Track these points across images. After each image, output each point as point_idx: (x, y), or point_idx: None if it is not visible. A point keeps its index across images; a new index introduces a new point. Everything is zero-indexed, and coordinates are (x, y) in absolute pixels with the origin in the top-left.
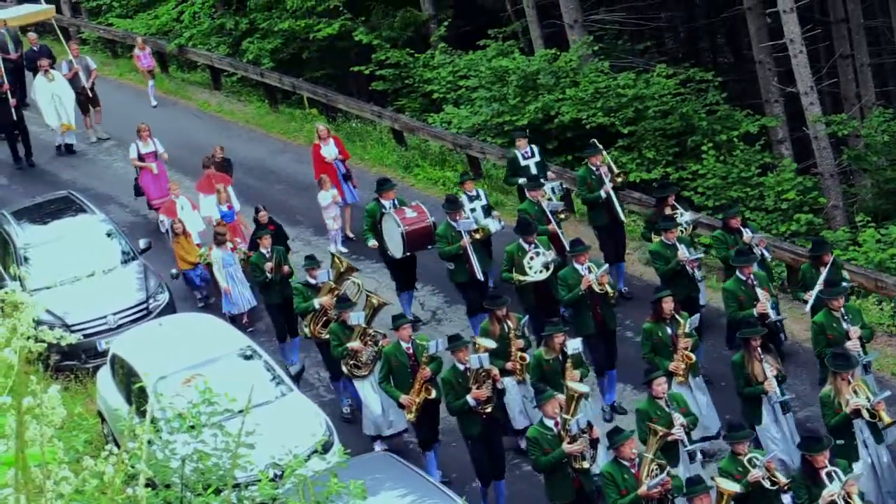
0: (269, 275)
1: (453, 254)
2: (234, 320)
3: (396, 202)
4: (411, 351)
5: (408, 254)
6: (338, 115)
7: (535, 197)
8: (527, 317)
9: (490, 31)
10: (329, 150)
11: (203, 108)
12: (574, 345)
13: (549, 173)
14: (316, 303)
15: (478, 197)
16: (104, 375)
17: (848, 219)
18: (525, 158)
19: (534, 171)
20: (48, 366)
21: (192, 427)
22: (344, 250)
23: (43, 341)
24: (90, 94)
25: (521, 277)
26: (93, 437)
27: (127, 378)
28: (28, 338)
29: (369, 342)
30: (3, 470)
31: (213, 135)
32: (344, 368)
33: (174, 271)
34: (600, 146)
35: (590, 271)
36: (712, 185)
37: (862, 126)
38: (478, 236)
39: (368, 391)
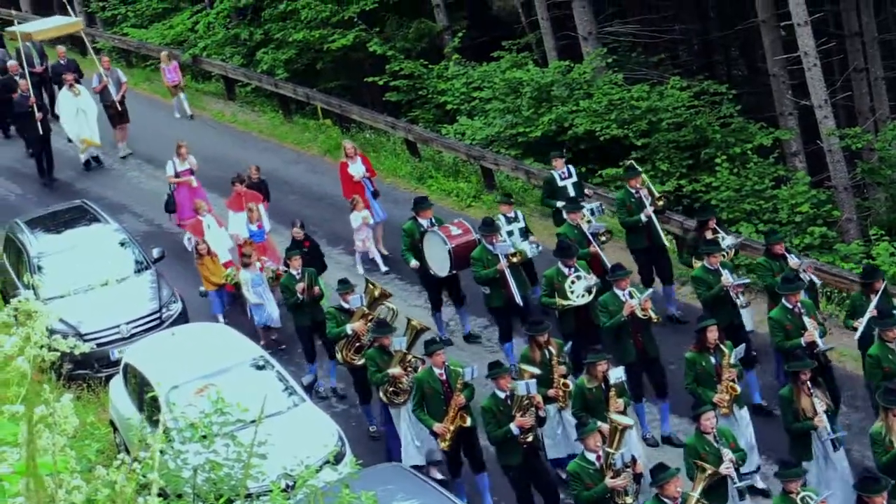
0: (300, 296)
1: (489, 277)
2: (265, 338)
3: (434, 220)
4: (444, 377)
5: (453, 272)
6: (352, 126)
7: (575, 219)
8: (570, 343)
9: (504, 42)
10: (356, 168)
11: (217, 119)
12: (617, 374)
13: (586, 193)
14: (348, 328)
15: (515, 219)
16: (117, 385)
17: (861, 232)
18: (562, 179)
19: (571, 191)
20: (61, 374)
21: (205, 437)
22: (385, 268)
23: (56, 350)
24: (119, 108)
25: (562, 302)
26: (105, 446)
27: (139, 387)
28: (41, 346)
29: (409, 368)
30: (14, 479)
31: (226, 145)
32: (382, 395)
33: (202, 289)
34: (639, 168)
35: (631, 297)
36: (726, 198)
37: (876, 139)
38: (515, 260)
39: (405, 419)
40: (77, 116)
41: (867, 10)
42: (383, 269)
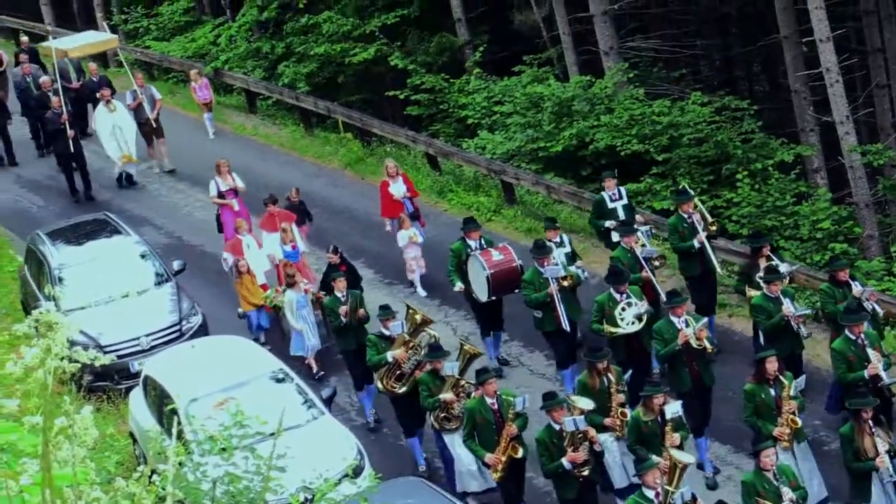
0: (343, 319)
1: (540, 301)
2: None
3: (483, 242)
4: (496, 407)
5: (493, 298)
6: (372, 140)
7: (629, 243)
8: (630, 371)
9: (525, 57)
10: (398, 188)
11: (238, 132)
12: (674, 408)
13: (637, 217)
14: (389, 356)
15: (562, 244)
16: (136, 397)
17: (883, 249)
18: (612, 201)
19: (622, 214)
20: (81, 386)
21: (224, 449)
22: (423, 293)
23: (77, 362)
24: (154, 125)
25: (613, 329)
26: (124, 458)
27: (159, 399)
28: (62, 358)
29: (462, 394)
30: (35, 490)
31: (247, 158)
32: (433, 421)
33: (240, 311)
34: (692, 192)
35: (687, 325)
36: (747, 214)
37: None
38: (566, 283)
39: (458, 444)
40: (113, 132)
41: (889, 26)
42: (422, 292)
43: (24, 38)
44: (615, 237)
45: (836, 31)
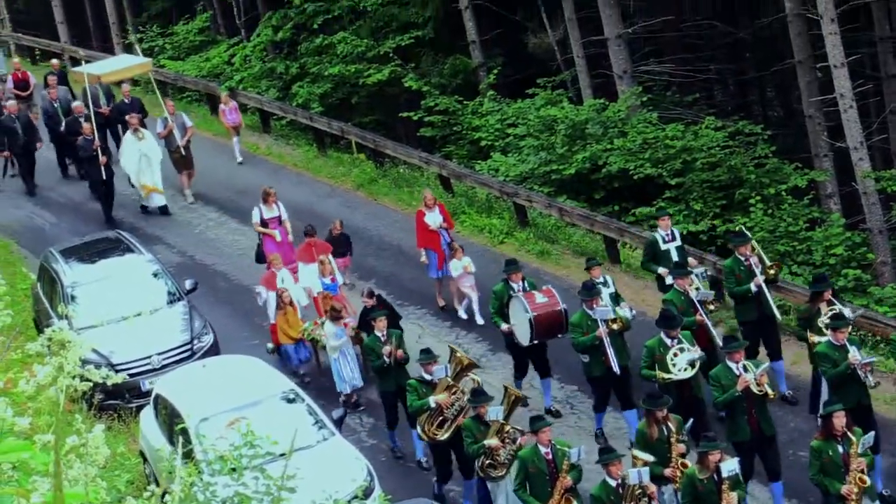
0: (386, 359)
1: (588, 345)
2: (346, 402)
3: (526, 284)
4: (551, 457)
5: (535, 342)
6: (385, 161)
7: (683, 286)
8: (691, 420)
9: (539, 80)
10: (433, 218)
11: (252, 151)
12: (730, 466)
13: (689, 259)
14: (431, 401)
15: (605, 284)
16: (147, 415)
17: None
18: (665, 242)
19: (675, 255)
20: (92, 404)
21: (234, 469)
22: (481, 321)
23: (88, 380)
24: (184, 154)
25: (664, 375)
26: (135, 477)
27: (170, 419)
28: (74, 376)
29: (507, 440)
30: None
31: (261, 178)
32: (477, 469)
33: (270, 346)
34: (749, 234)
35: (745, 370)
36: (760, 239)
37: None
38: (615, 326)
39: (502, 493)
40: (140, 162)
41: None
42: (479, 321)
43: (55, 62)
44: (668, 280)
45: (850, 56)
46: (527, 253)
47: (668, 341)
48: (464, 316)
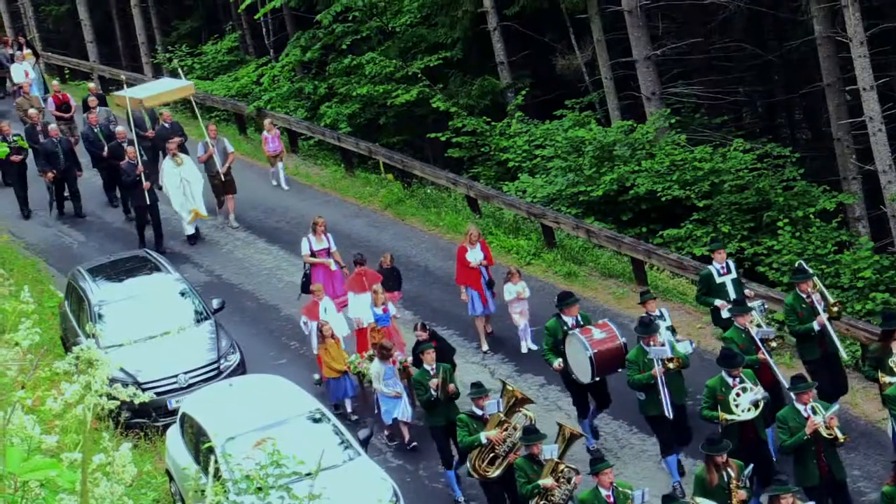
0: (433, 393)
1: (644, 383)
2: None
3: (580, 318)
4: (612, 499)
5: (596, 379)
6: (413, 181)
7: (743, 323)
8: (751, 466)
9: (567, 101)
10: (475, 255)
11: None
12: None
13: (746, 291)
14: (483, 437)
15: (661, 317)
16: (173, 434)
17: None
18: (721, 275)
19: (731, 289)
20: (119, 423)
21: (260, 489)
22: (534, 347)
23: (116, 399)
24: (224, 179)
25: (726, 416)
26: (161, 495)
27: (196, 437)
28: (101, 395)
29: (562, 479)
30: None
31: (288, 198)
32: None
33: (316, 377)
34: (811, 270)
35: (814, 412)
36: (787, 262)
37: None
38: (672, 366)
39: None
40: (181, 187)
41: None
42: (532, 346)
43: (92, 85)
44: (725, 314)
45: (879, 79)
46: (554, 274)
47: (730, 380)
48: (524, 350)
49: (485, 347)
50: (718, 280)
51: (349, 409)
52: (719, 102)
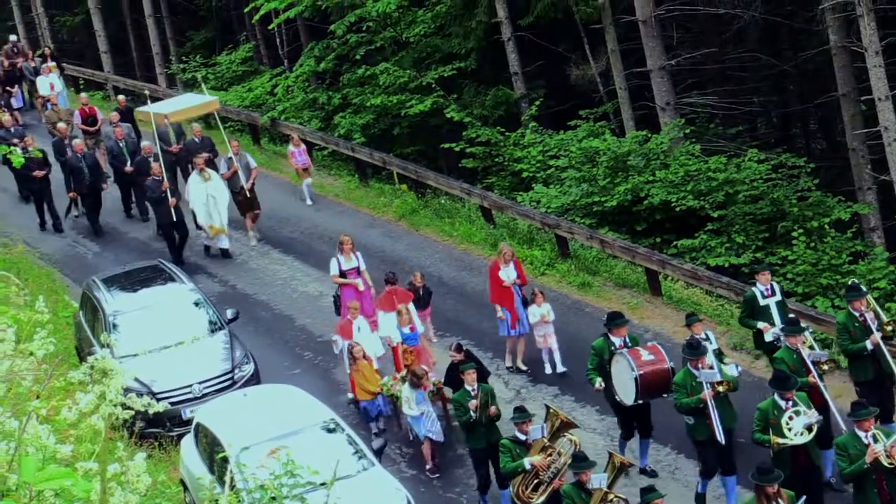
0: (473, 414)
1: (692, 407)
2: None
3: (628, 340)
4: None
5: (639, 402)
6: (427, 192)
7: (795, 344)
8: (804, 498)
9: (581, 111)
10: (508, 273)
11: (294, 182)
12: None
13: (791, 316)
14: (527, 462)
15: (707, 341)
16: (188, 444)
17: None
18: (765, 297)
19: (775, 311)
20: (133, 432)
21: (274, 499)
22: (563, 369)
23: (130, 409)
24: (248, 195)
25: (778, 440)
26: None
27: (210, 447)
28: (116, 405)
29: None
30: None
31: (303, 208)
32: None
33: (350, 396)
34: (864, 289)
35: (875, 440)
36: (802, 272)
37: None
38: (721, 389)
39: None
40: (207, 203)
41: None
42: (562, 368)
43: (121, 97)
44: (768, 337)
45: (894, 89)
46: (568, 284)
47: (783, 403)
48: (548, 371)
49: (508, 363)
50: (762, 302)
51: (381, 427)
52: (734, 113)
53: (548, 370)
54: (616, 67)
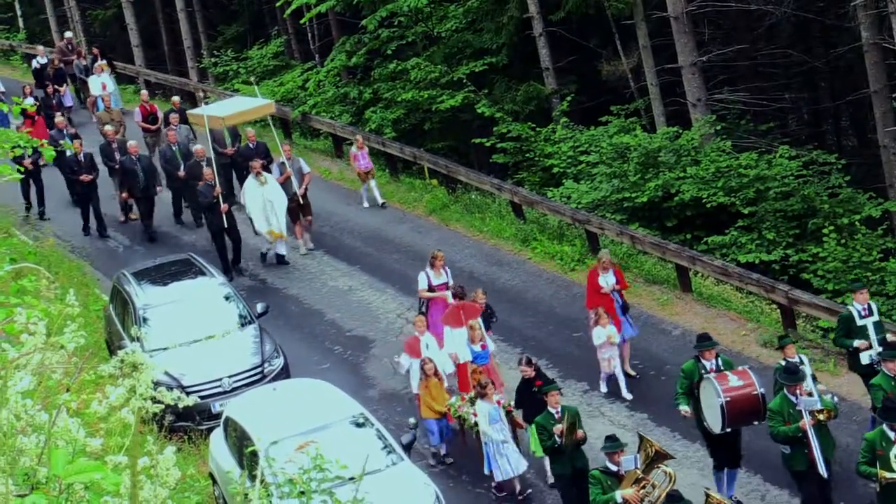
0: (558, 440)
1: (790, 436)
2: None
3: (720, 362)
4: None
5: (728, 430)
6: (458, 187)
7: (893, 370)
8: None
9: (612, 107)
10: (607, 280)
11: (325, 176)
12: None
13: (888, 336)
14: (618, 496)
15: (801, 364)
16: (217, 438)
17: None
18: (862, 317)
19: (872, 331)
20: (162, 426)
21: (303, 493)
22: (629, 396)
23: (160, 402)
24: (301, 201)
25: (886, 475)
26: (204, 498)
27: (239, 441)
28: (146, 399)
29: None
30: None
31: (332, 202)
32: None
33: (412, 420)
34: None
35: None
36: (832, 269)
37: None
38: (822, 417)
39: None
40: (264, 208)
41: None
42: (627, 395)
43: (176, 99)
44: (864, 360)
45: None
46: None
47: (892, 434)
48: (603, 389)
49: (631, 372)
50: (860, 322)
51: (443, 452)
52: (765, 109)
53: (603, 388)
54: (647, 63)
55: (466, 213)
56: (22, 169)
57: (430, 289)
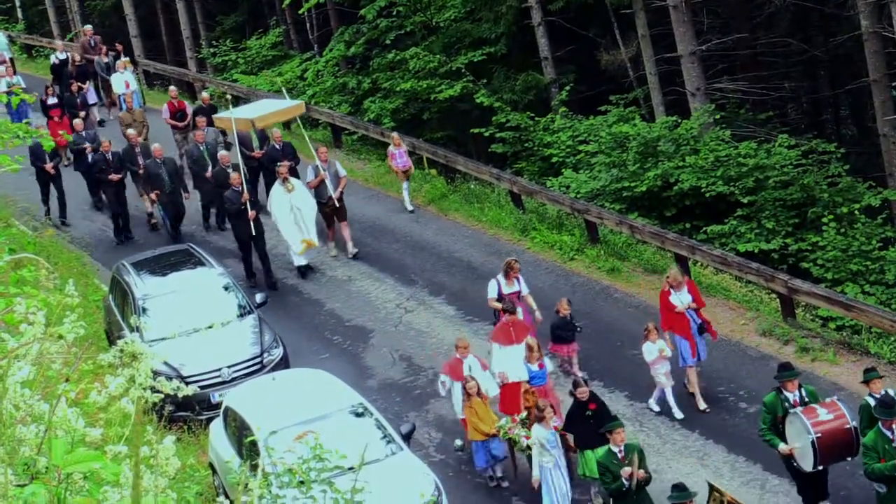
0: (626, 482)
1: (886, 474)
2: None
3: (804, 393)
4: None
5: (819, 467)
6: (456, 177)
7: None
8: None
9: (611, 96)
10: (680, 298)
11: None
12: None
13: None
14: None
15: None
16: (217, 428)
17: None
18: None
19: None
20: (162, 416)
21: (302, 483)
22: (680, 415)
23: (160, 392)
24: (337, 206)
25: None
26: (204, 488)
27: (239, 431)
28: (145, 388)
29: None
30: None
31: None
32: None
33: (459, 442)
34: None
35: None
36: (832, 258)
37: None
38: None
39: None
40: (291, 214)
41: None
42: (679, 415)
43: (205, 95)
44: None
45: None
46: (597, 270)
47: (889, 433)
48: (655, 408)
49: (702, 405)
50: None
51: (499, 474)
52: (764, 98)
53: (653, 406)
54: (646, 52)
55: (465, 203)
56: (19, 165)
57: (500, 298)
